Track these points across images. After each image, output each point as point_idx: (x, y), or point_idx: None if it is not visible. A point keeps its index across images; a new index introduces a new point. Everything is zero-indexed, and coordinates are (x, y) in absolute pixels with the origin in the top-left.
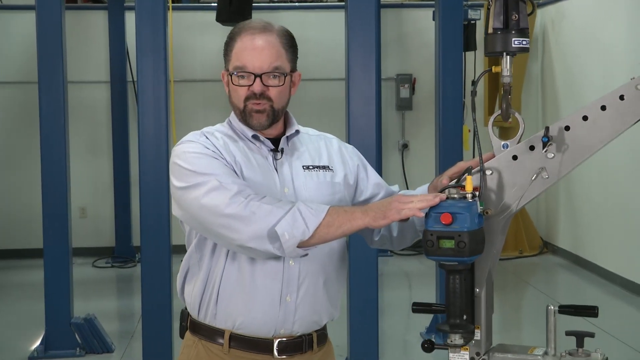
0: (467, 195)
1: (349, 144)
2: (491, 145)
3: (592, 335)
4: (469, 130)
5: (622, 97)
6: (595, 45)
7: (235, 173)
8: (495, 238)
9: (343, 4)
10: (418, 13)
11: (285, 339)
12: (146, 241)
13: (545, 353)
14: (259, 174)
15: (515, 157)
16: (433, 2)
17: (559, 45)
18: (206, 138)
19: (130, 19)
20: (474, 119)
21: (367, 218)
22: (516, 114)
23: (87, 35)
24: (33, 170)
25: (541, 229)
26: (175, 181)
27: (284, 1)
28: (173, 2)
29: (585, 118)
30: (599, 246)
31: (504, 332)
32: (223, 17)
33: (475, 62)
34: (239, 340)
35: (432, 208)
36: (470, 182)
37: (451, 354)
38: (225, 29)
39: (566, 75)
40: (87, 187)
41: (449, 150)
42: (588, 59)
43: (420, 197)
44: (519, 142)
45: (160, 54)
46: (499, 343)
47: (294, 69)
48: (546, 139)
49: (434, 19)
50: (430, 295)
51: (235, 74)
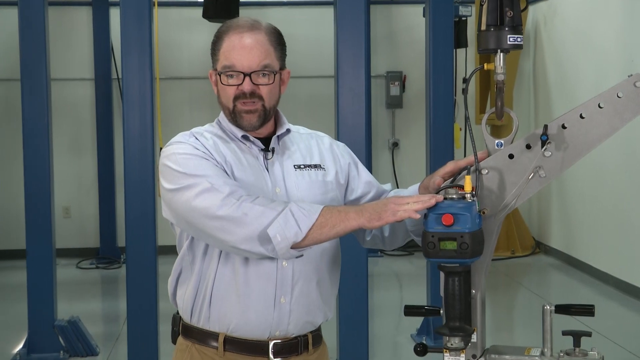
0: (466, 195)
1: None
2: (483, 143)
3: (589, 334)
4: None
5: (619, 95)
6: (588, 41)
7: (226, 174)
8: (490, 238)
9: (332, 0)
10: (408, 9)
11: (280, 341)
12: (131, 242)
13: (542, 353)
14: (250, 175)
15: (511, 156)
16: None
17: (551, 42)
18: (195, 139)
19: (115, 15)
20: (468, 117)
21: (362, 219)
22: (511, 112)
23: (71, 32)
24: (15, 169)
25: (533, 229)
26: (165, 183)
27: None
28: None
29: (582, 116)
30: (592, 246)
31: (495, 334)
32: (210, 14)
33: (466, 59)
34: (234, 343)
35: (431, 209)
36: (469, 182)
37: (447, 357)
38: (212, 26)
39: (558, 73)
40: (71, 187)
41: (440, 148)
42: (581, 56)
43: (415, 199)
44: (513, 141)
45: (145, 50)
46: (493, 344)
47: (283, 67)
48: (545, 138)
49: (424, 16)
50: (421, 296)
51: (224, 73)
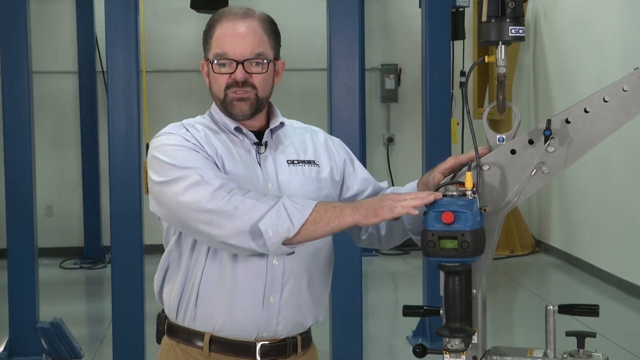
0: (467, 192)
1: None
2: (483, 138)
3: (594, 335)
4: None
5: (625, 88)
6: (589, 33)
7: (217, 167)
8: (492, 236)
9: None
10: None
11: (268, 342)
12: (117, 240)
13: (545, 355)
14: (241, 168)
15: (513, 152)
16: None
17: (552, 33)
18: (186, 130)
19: (99, 5)
20: (468, 112)
21: (357, 215)
22: (512, 107)
23: (54, 23)
24: None
25: (533, 227)
26: (153, 175)
27: None
28: None
29: (586, 110)
30: (594, 245)
31: (494, 335)
32: (198, 4)
33: (463, 52)
34: (220, 343)
35: (431, 206)
36: (469, 179)
37: (447, 359)
38: (200, 17)
39: (559, 65)
40: (54, 184)
41: (437, 144)
42: (582, 48)
43: (413, 195)
44: (515, 136)
45: (131, 42)
46: (494, 346)
47: (277, 57)
48: (548, 133)
49: (420, 6)
50: (417, 296)
51: (216, 61)
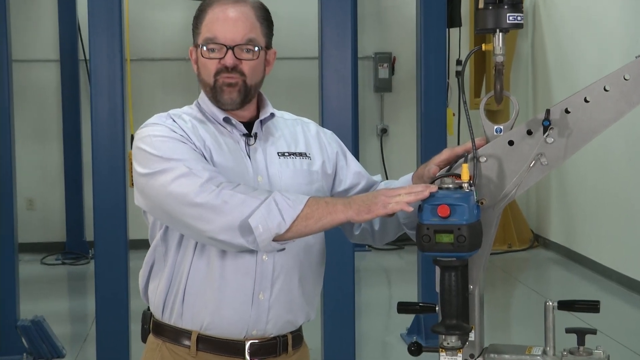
0: (464, 184)
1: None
2: (480, 129)
3: (594, 332)
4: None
5: (626, 77)
6: (590, 20)
7: (205, 159)
8: (489, 230)
9: None
10: None
11: (257, 341)
12: (100, 235)
13: (544, 352)
14: (230, 160)
15: (511, 143)
16: None
17: (551, 20)
18: (172, 121)
19: None
20: (465, 102)
21: (350, 211)
22: (511, 97)
23: (35, 9)
24: None
25: (531, 221)
26: (139, 167)
27: None
28: None
29: (586, 100)
30: (594, 239)
31: (491, 332)
32: None
33: (460, 40)
34: (208, 342)
35: (427, 199)
36: (466, 170)
37: (443, 357)
38: (186, 3)
39: (558, 54)
40: (35, 176)
41: (432, 135)
42: (582, 36)
43: (408, 189)
44: (512, 127)
45: (115, 29)
46: (491, 343)
47: (269, 46)
48: (547, 123)
49: None
50: (411, 293)
51: (206, 47)
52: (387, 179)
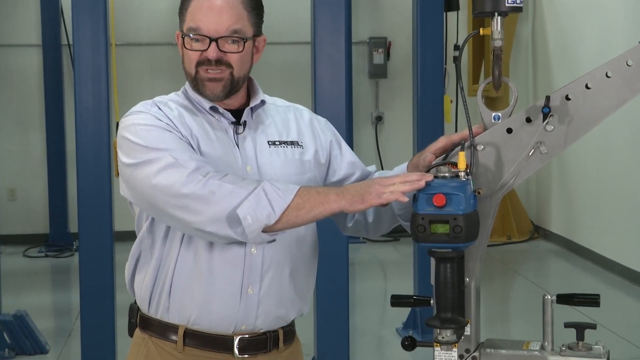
0: (460, 173)
1: None
2: (478, 116)
3: (594, 327)
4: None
5: (629, 63)
6: (592, 4)
7: (192, 148)
8: (486, 221)
9: None
10: None
11: (247, 336)
12: (85, 227)
13: (542, 347)
14: (218, 149)
15: (509, 130)
16: None
17: (552, 4)
18: (158, 108)
19: None
20: (462, 88)
21: (343, 201)
22: (509, 82)
23: None
24: None
25: (531, 212)
26: (123, 157)
27: None
28: None
29: (587, 86)
30: (596, 230)
31: (489, 326)
32: None
33: (457, 24)
34: (195, 337)
35: (422, 189)
36: (463, 159)
37: (437, 352)
38: None
39: (560, 38)
40: (17, 166)
41: (429, 123)
42: (584, 20)
43: (403, 178)
44: (511, 114)
45: (99, 13)
46: (488, 338)
47: (258, 33)
48: (547, 110)
49: None
50: (407, 286)
51: (189, 36)
52: (382, 168)
